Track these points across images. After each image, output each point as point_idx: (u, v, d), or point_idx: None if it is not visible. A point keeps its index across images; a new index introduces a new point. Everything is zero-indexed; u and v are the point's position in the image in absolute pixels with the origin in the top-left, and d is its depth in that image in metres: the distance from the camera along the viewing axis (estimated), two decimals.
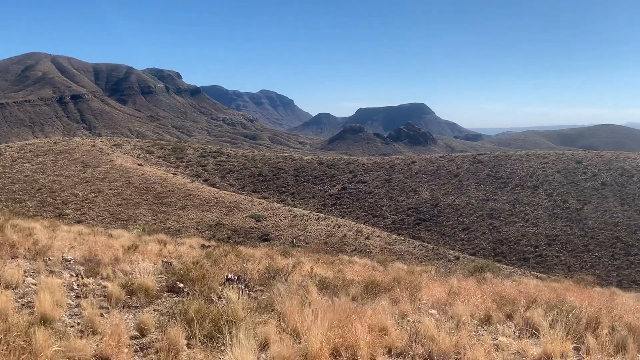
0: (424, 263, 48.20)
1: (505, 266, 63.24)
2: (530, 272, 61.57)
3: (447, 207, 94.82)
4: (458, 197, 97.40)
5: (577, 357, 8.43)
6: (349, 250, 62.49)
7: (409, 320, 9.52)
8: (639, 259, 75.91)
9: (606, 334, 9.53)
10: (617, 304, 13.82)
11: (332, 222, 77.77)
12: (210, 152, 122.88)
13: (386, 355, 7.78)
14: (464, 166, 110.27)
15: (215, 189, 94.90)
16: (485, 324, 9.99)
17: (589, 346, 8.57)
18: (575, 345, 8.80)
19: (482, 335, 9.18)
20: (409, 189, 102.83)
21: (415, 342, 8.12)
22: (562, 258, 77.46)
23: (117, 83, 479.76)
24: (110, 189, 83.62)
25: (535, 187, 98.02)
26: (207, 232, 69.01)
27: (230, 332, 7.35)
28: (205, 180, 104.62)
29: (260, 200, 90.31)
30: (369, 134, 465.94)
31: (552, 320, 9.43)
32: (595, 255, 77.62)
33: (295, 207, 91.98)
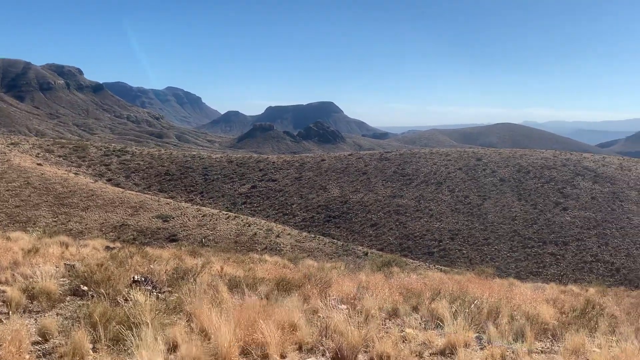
0: (333, 260, 48.88)
1: (411, 260, 65.09)
2: (434, 265, 63.71)
3: (355, 204, 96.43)
4: (366, 194, 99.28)
5: (479, 345, 8.80)
6: (259, 249, 62.27)
7: (319, 316, 9.60)
8: (535, 251, 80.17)
9: (506, 322, 10.02)
10: (516, 294, 14.48)
11: (242, 221, 77.22)
12: (114, 151, 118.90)
13: (297, 351, 7.83)
14: (372, 164, 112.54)
15: (120, 188, 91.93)
16: (393, 317, 10.26)
17: (490, 335, 8.98)
18: (477, 334, 9.18)
19: (390, 327, 9.41)
20: (319, 187, 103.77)
21: (326, 337, 8.22)
22: (464, 251, 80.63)
23: (14, 79, 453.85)
24: (7, 190, 79.16)
25: (439, 184, 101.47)
26: (111, 233, 66.71)
27: (137, 335, 7.16)
28: (109, 180, 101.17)
29: (168, 200, 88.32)
30: (279, 132, 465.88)
31: (456, 311, 9.81)
32: (495, 248, 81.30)
33: (204, 206, 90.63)
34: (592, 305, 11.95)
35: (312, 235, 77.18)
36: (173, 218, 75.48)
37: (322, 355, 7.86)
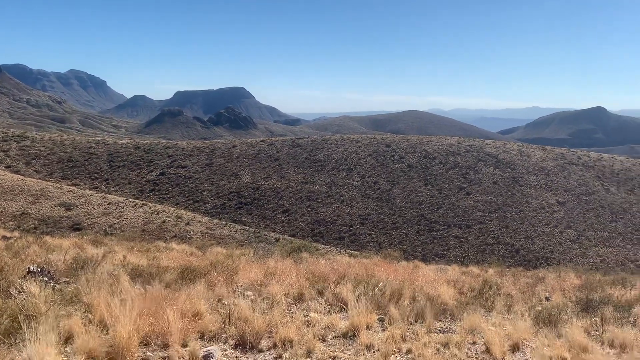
0: (245, 246, 48.59)
1: (322, 246, 65.85)
2: (345, 250, 64.68)
3: (267, 190, 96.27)
4: (278, 181, 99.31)
5: (381, 327, 9.00)
6: (168, 237, 60.97)
7: (224, 304, 9.51)
8: (441, 234, 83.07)
9: (407, 304, 10.29)
10: (419, 276, 14.92)
11: (150, 208, 75.37)
12: (12, 137, 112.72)
13: (199, 339, 7.72)
14: (284, 150, 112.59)
15: (20, 176, 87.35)
16: (299, 302, 10.31)
17: (392, 316, 9.20)
18: (380, 316, 9.38)
19: (295, 312, 9.46)
20: (230, 173, 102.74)
21: (229, 324, 8.15)
22: (374, 236, 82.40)
23: None
24: None
25: (350, 170, 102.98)
26: (10, 222, 63.33)
27: (30, 327, 6.82)
28: (8, 167, 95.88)
29: (71, 187, 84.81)
30: (189, 118, 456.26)
31: (360, 294, 9.99)
32: (403, 232, 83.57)
33: (110, 194, 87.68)
34: (489, 285, 12.48)
35: (224, 223, 76.47)
36: (77, 206, 72.60)
37: (225, 342, 7.80)
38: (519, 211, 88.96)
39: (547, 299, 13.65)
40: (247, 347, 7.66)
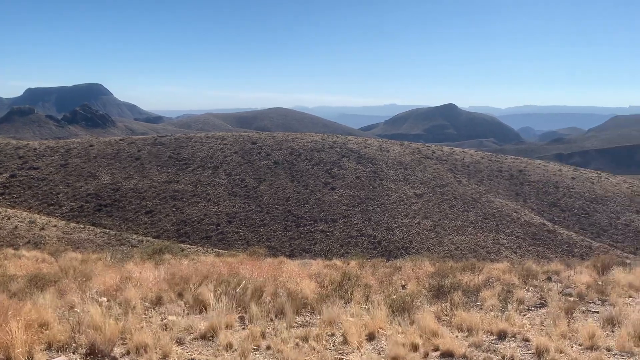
0: (105, 250, 46.49)
1: (189, 246, 64.66)
2: (212, 249, 63.96)
3: (129, 191, 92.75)
4: (140, 181, 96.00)
5: (242, 326, 8.96)
6: (21, 243, 57.04)
7: (76, 311, 9.03)
8: (308, 229, 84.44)
9: (269, 301, 10.33)
10: (284, 272, 15.00)
11: (0, 214, 70.02)
12: None
13: (46, 350, 7.28)
14: (146, 149, 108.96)
15: None
16: (157, 305, 10.02)
17: (253, 314, 9.19)
18: (241, 315, 9.34)
19: (152, 316, 9.18)
20: (87, 174, 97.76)
21: (79, 333, 7.75)
22: (242, 234, 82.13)
23: None
24: None
25: (216, 168, 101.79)
26: None
27: None
28: None
29: None
30: (41, 116, 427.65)
31: (221, 294, 9.88)
32: (271, 229, 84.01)
33: None
34: (349, 277, 12.81)
35: (82, 226, 72.79)
36: None
37: (75, 352, 7.41)
38: (380, 204, 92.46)
39: (403, 287, 14.23)
40: (99, 355, 7.33)
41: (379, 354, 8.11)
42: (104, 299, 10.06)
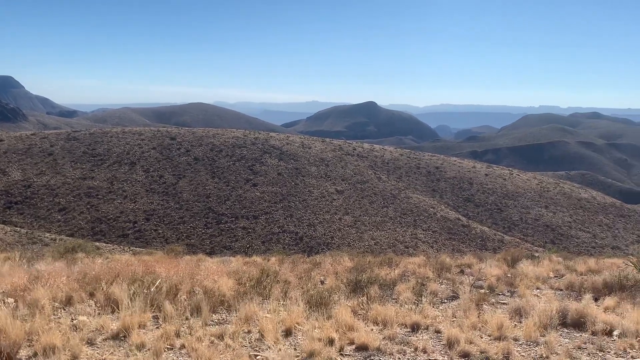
0: (15, 249, 44.43)
1: (104, 244, 62.62)
2: (129, 247, 62.31)
3: (41, 187, 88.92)
4: (53, 177, 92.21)
5: (155, 325, 8.80)
6: None
7: None
8: (229, 226, 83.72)
9: (185, 299, 10.19)
10: (202, 270, 14.80)
11: None
12: None
13: None
14: (59, 144, 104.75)
15: None
16: (67, 306, 9.69)
17: (167, 313, 9.03)
18: (155, 314, 9.17)
19: (62, 317, 8.88)
20: None
21: None
22: (160, 231, 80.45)
23: None
24: None
25: (133, 164, 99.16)
26: None
27: None
28: None
29: None
30: None
31: (134, 293, 9.66)
32: (191, 226, 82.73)
33: None
34: (267, 273, 12.81)
35: None
36: None
37: None
38: (302, 200, 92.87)
39: (322, 282, 14.37)
40: (4, 358, 7.01)
41: (295, 349, 8.16)
42: (11, 299, 9.63)
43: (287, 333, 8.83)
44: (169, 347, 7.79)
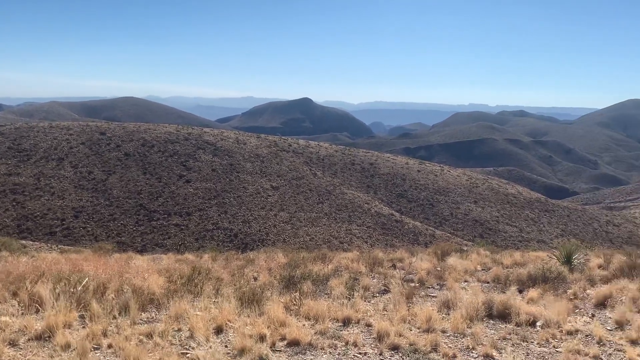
0: None
1: (31, 242, 60.30)
2: (57, 245, 60.19)
3: None
4: None
5: (82, 325, 8.58)
6: None
7: None
8: (161, 223, 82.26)
9: (113, 298, 9.96)
10: (132, 268, 14.54)
11: None
12: None
13: None
14: None
15: None
16: None
17: (94, 312, 8.81)
18: (81, 313, 8.93)
19: None
20: None
21: None
22: (89, 229, 78.22)
23: None
24: None
25: (61, 160, 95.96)
26: None
27: None
28: None
29: None
30: None
31: (60, 292, 9.38)
32: (122, 224, 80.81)
33: None
34: (199, 271, 12.68)
35: None
36: None
37: None
38: (237, 197, 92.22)
39: (255, 279, 14.35)
40: None
41: (226, 346, 8.12)
42: None
43: (219, 330, 8.77)
44: (95, 346, 7.61)
